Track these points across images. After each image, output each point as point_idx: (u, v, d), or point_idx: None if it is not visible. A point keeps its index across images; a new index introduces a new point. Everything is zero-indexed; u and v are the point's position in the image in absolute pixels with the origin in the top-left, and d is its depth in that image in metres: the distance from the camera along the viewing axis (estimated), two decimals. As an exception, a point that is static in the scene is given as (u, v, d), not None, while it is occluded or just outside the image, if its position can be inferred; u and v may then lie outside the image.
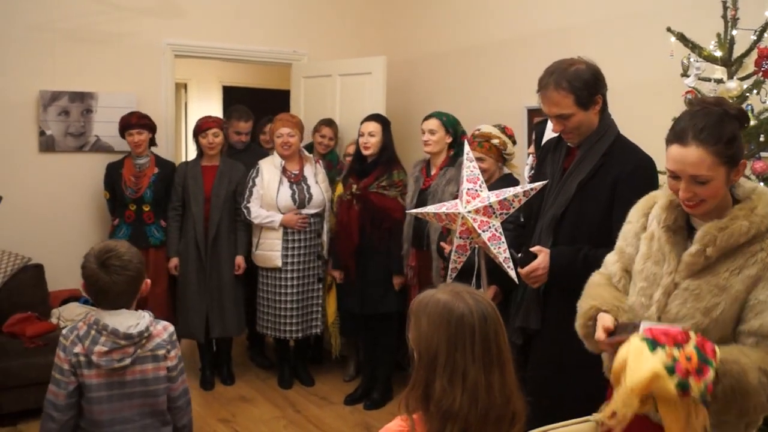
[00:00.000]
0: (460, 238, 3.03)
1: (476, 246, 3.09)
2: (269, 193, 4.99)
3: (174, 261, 5.16)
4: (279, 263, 5.01)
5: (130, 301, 2.45)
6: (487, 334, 1.69)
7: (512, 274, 2.87)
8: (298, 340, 5.23)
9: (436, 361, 1.68)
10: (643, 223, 2.21)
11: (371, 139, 4.78)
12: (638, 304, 2.14)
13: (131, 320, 2.40)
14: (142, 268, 2.47)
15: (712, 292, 1.97)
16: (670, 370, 1.66)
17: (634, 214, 2.26)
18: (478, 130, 4.00)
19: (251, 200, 5.03)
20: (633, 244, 2.23)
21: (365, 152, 4.82)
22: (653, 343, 1.68)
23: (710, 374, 1.71)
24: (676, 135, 1.98)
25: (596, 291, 2.27)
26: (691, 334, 1.81)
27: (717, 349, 1.78)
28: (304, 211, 5.02)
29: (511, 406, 1.70)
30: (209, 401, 5.04)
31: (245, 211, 5.05)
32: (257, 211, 5.02)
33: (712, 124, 1.93)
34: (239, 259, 5.15)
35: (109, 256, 2.38)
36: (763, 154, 3.10)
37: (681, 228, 2.09)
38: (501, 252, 2.90)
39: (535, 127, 3.76)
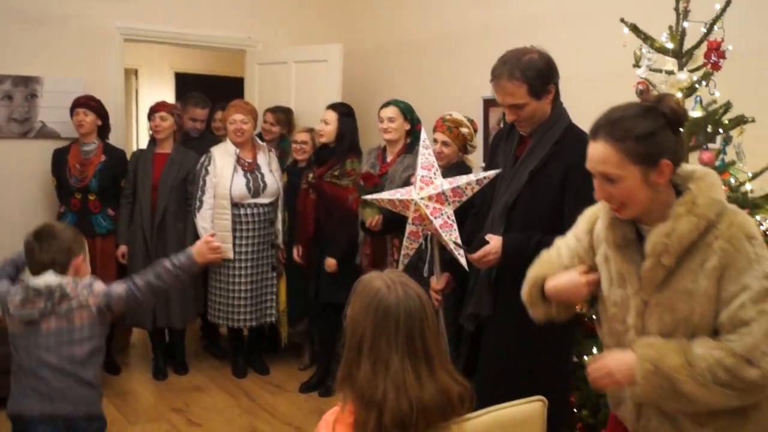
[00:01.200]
0: (413, 224, 3.04)
1: (428, 233, 3.10)
2: (222, 182, 4.92)
3: (122, 249, 5.07)
4: (230, 255, 4.94)
5: (57, 272, 2.71)
6: (410, 329, 1.73)
7: (462, 261, 2.89)
8: (252, 328, 5.19)
9: (362, 345, 1.73)
10: (589, 240, 2.14)
11: (326, 127, 4.75)
12: (614, 332, 2.07)
13: (50, 279, 2.68)
14: (75, 246, 2.78)
15: (683, 299, 1.87)
16: None
17: (580, 228, 2.19)
18: (450, 115, 4.01)
19: (206, 190, 4.95)
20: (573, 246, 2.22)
21: (320, 140, 4.82)
22: None
23: None
24: (591, 129, 1.93)
25: (545, 259, 2.28)
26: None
27: None
28: (259, 200, 4.98)
29: (451, 394, 1.73)
30: (162, 391, 4.99)
31: (198, 203, 4.97)
32: (203, 216, 4.95)
33: (627, 117, 1.86)
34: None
35: (44, 230, 2.76)
36: (711, 145, 3.16)
37: (632, 242, 1.97)
38: (452, 239, 2.91)
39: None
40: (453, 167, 3.83)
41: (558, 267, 2.21)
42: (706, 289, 1.84)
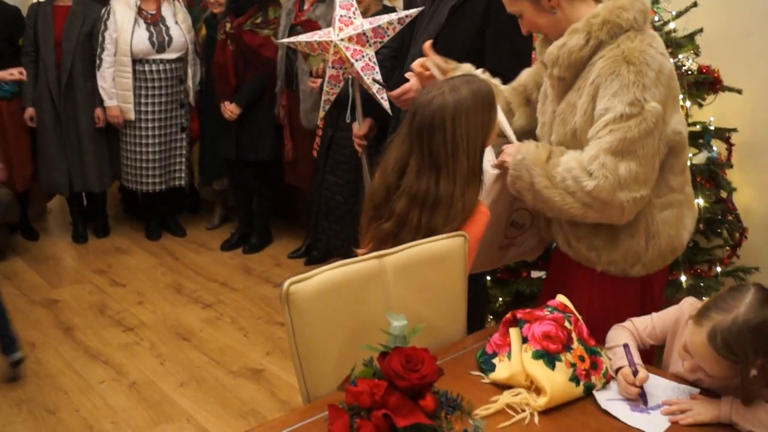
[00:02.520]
0: (333, 68, 2.92)
1: (350, 76, 2.98)
2: (123, 36, 4.61)
3: (29, 111, 4.77)
4: (132, 116, 4.72)
5: None
6: (421, 124, 1.93)
7: (385, 104, 2.81)
8: (162, 192, 5.01)
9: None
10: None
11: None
12: (539, 135, 2.17)
13: None
14: None
15: (571, 112, 1.98)
16: (575, 380, 1.66)
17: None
18: None
19: (105, 46, 4.64)
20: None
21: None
22: (549, 358, 1.65)
23: (603, 365, 1.74)
24: None
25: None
26: (561, 300, 1.83)
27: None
28: (165, 56, 4.71)
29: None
30: (83, 254, 4.90)
31: (98, 62, 4.68)
32: (103, 76, 4.67)
33: None
34: (98, 111, 4.77)
35: None
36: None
37: None
38: (374, 82, 2.81)
39: None
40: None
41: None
42: (584, 104, 1.94)
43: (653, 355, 2.10)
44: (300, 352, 1.62)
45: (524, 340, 1.69)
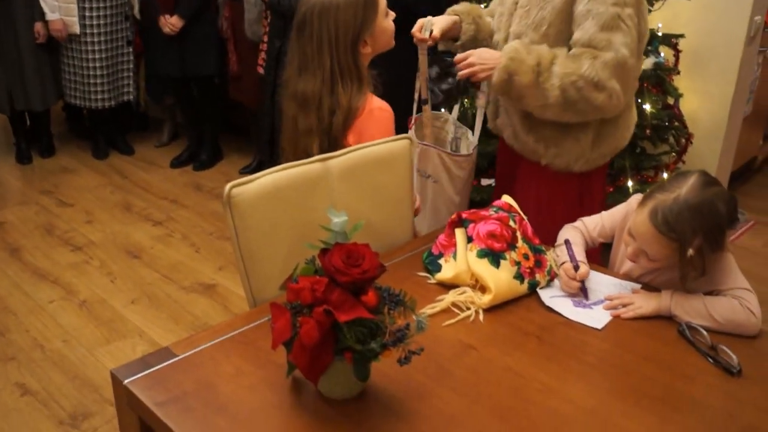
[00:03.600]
0: None
1: None
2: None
3: (-37, 26, 4.55)
4: (77, 29, 4.53)
5: None
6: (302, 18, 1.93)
7: None
8: (110, 108, 4.87)
9: None
10: None
11: None
12: (495, 28, 2.21)
13: None
14: None
15: (539, 5, 2.00)
16: (520, 278, 1.67)
17: None
18: None
19: None
20: None
21: None
22: (494, 257, 1.64)
23: (548, 263, 1.74)
24: None
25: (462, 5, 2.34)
26: (506, 200, 1.84)
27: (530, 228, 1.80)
28: None
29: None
30: (28, 175, 4.78)
31: None
32: None
33: None
34: (38, 26, 4.55)
35: None
36: None
37: None
38: None
39: None
40: None
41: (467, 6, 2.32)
42: (559, 2, 1.96)
43: (599, 253, 2.14)
44: (244, 256, 1.61)
45: (469, 239, 1.69)
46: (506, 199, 1.84)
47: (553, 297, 1.68)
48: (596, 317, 1.62)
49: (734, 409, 1.33)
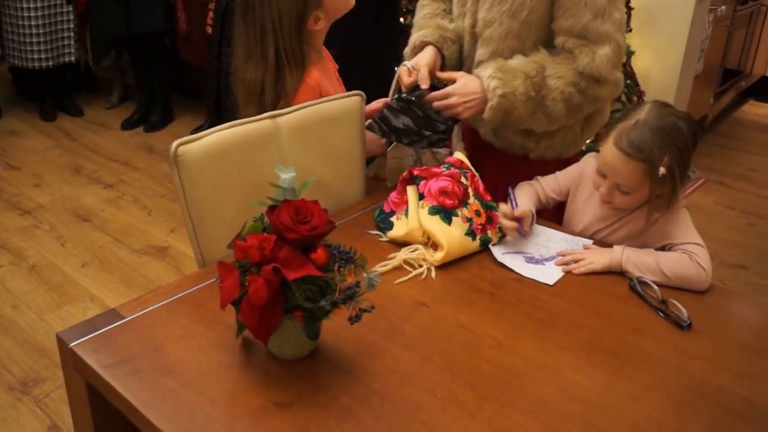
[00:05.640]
0: None
1: None
2: None
3: None
4: None
5: None
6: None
7: None
8: (51, 68, 4.72)
9: None
10: None
11: None
12: (456, 14, 2.01)
13: None
14: None
15: None
16: (472, 235, 1.65)
17: None
18: None
19: None
20: None
21: None
22: (445, 213, 1.63)
23: (498, 219, 1.73)
24: None
25: (423, 23, 2.08)
26: (458, 156, 1.80)
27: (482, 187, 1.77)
28: None
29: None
30: (-28, 138, 4.64)
31: None
32: None
33: None
34: None
35: None
36: None
37: None
38: None
39: None
40: None
41: (434, 27, 2.04)
42: None
43: (552, 214, 2.12)
44: (192, 215, 1.58)
45: (421, 196, 1.68)
46: (458, 155, 1.83)
47: (505, 253, 1.68)
48: (548, 273, 1.63)
49: (684, 362, 1.35)
